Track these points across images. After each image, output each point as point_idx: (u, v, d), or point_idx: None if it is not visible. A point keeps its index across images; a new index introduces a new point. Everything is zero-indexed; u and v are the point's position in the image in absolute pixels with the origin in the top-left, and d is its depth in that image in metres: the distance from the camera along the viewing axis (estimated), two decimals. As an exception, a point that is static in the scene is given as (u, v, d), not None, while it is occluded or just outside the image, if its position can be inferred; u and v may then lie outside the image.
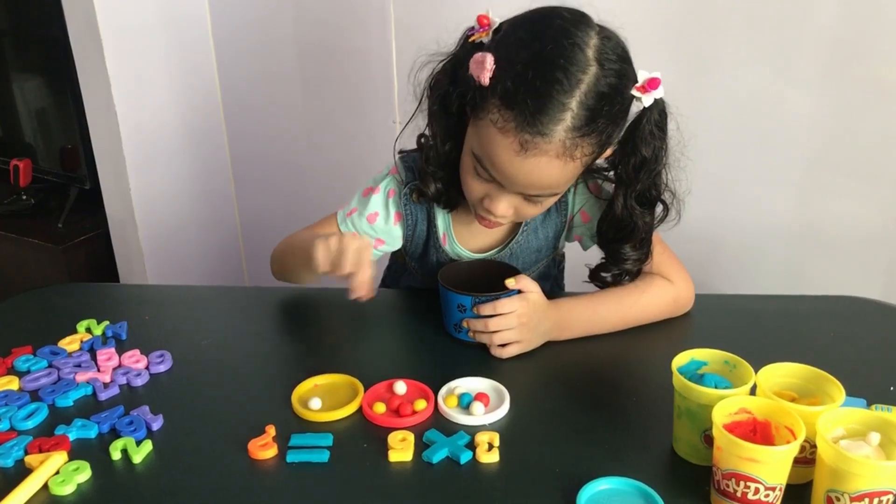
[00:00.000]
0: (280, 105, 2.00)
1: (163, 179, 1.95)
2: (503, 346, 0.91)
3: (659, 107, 0.89)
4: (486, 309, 0.91)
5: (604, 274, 1.01)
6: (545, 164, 0.85)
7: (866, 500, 0.62)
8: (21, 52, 2.12)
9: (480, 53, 0.86)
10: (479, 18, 0.90)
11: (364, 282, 0.86)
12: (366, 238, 0.91)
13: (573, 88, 0.82)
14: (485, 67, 0.85)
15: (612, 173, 0.98)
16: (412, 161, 1.05)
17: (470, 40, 0.91)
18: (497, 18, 0.90)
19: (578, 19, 0.85)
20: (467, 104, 0.90)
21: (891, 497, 0.62)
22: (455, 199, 1.02)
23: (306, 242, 0.92)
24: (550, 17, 0.86)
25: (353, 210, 1.06)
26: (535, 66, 0.82)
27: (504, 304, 0.91)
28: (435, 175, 0.99)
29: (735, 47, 1.48)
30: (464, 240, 1.07)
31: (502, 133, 0.84)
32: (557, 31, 0.83)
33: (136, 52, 1.81)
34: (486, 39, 0.90)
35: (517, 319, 0.90)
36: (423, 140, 1.02)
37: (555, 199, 0.97)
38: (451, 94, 0.92)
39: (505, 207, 0.92)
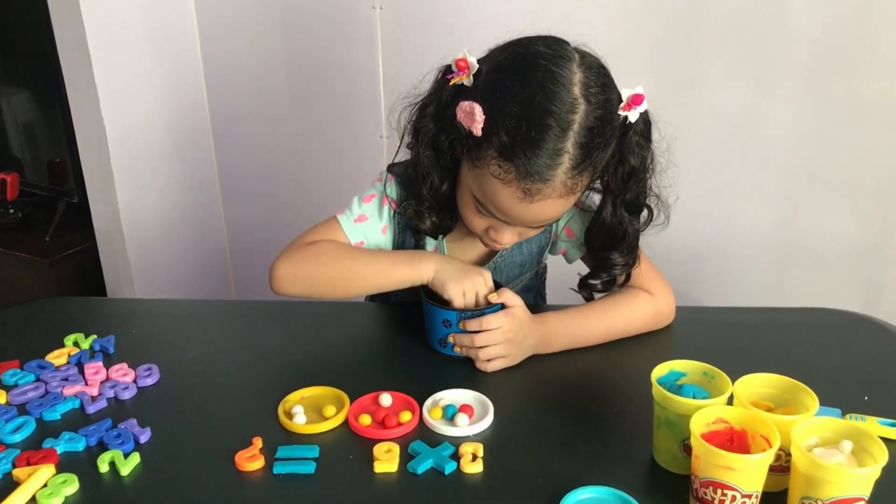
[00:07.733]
0: (268, 119, 2.01)
1: (150, 193, 1.96)
2: (489, 360, 0.92)
3: (644, 118, 0.91)
4: (472, 325, 0.92)
5: (593, 281, 1.02)
6: (549, 205, 0.87)
7: (839, 506, 0.64)
8: (8, 65, 2.12)
9: (468, 103, 0.86)
10: (458, 62, 0.89)
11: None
12: (486, 273, 0.96)
13: (566, 131, 0.83)
14: (475, 119, 0.85)
15: (597, 184, 0.98)
16: (403, 175, 1.05)
17: (450, 84, 0.90)
18: (474, 60, 0.89)
19: (560, 54, 0.85)
20: (459, 148, 0.91)
21: (863, 503, 0.64)
22: (449, 227, 1.03)
23: (367, 267, 1.00)
24: (533, 61, 0.85)
25: (362, 217, 1.05)
26: (527, 117, 0.83)
27: (490, 320, 0.92)
28: (431, 210, 1.00)
29: (717, 65, 1.51)
30: (453, 255, 1.08)
31: (504, 183, 0.86)
32: (544, 76, 0.83)
33: (124, 66, 1.82)
34: (467, 82, 0.89)
35: (503, 335, 0.91)
36: (412, 172, 1.00)
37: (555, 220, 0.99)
38: (440, 139, 0.93)
39: (510, 237, 0.95)
